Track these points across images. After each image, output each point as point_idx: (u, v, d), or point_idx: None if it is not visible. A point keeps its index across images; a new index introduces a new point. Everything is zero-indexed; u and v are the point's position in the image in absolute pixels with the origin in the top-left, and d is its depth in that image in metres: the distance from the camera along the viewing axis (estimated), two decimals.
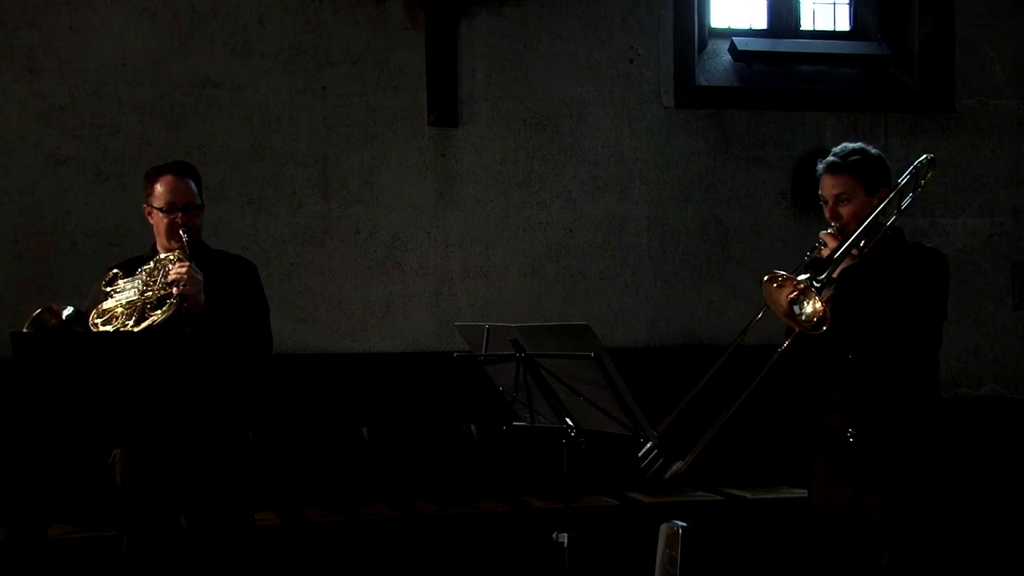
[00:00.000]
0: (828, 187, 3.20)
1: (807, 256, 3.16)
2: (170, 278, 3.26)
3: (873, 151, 3.23)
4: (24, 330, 3.15)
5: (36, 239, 4.91)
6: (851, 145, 3.24)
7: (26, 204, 4.91)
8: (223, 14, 5.10)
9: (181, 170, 3.48)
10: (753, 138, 5.65)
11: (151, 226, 3.50)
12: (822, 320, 2.93)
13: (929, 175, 3.30)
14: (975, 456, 5.34)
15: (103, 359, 2.85)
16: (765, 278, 3.00)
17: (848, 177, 3.17)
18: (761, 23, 5.99)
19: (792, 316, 3.00)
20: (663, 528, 3.54)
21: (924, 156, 3.32)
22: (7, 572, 4.17)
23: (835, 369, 3.18)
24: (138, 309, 3.27)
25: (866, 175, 3.17)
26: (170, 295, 3.24)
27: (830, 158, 3.22)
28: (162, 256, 3.38)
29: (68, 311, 3.26)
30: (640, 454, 2.94)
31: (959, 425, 5.48)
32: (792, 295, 2.99)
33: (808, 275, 3.00)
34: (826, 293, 3.00)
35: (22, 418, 4.04)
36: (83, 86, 4.96)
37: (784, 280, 2.98)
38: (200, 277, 3.26)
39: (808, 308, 2.97)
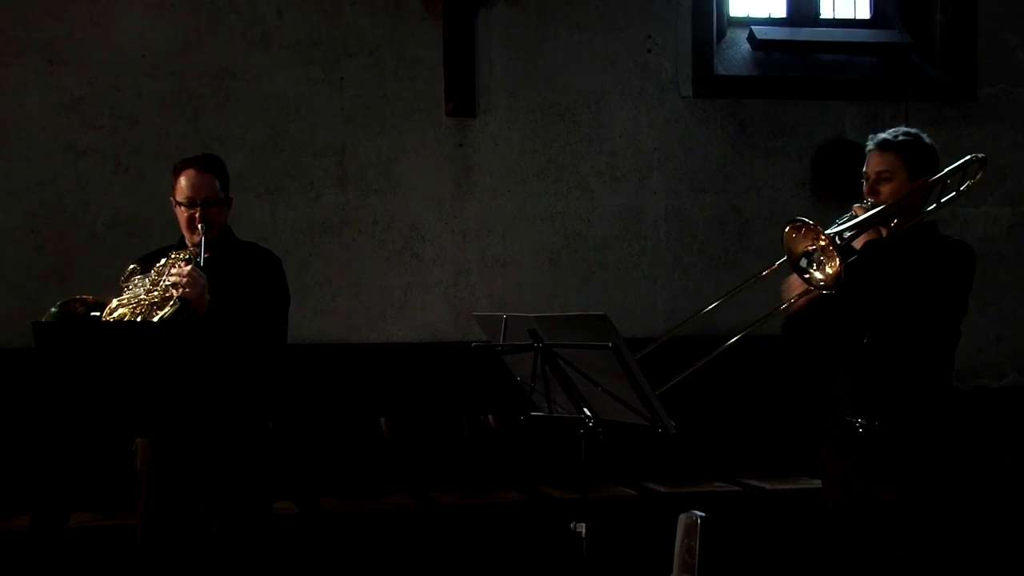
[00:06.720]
0: (873, 164, 3.16)
1: (836, 224, 3.12)
2: (170, 281, 3.26)
3: (927, 139, 3.18)
4: (52, 309, 3.16)
5: (56, 230, 4.94)
6: (906, 128, 3.20)
7: (46, 195, 4.94)
8: (241, 5, 5.10)
9: (204, 164, 3.47)
10: (772, 128, 5.61)
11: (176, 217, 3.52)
12: (832, 284, 2.89)
13: (979, 176, 3.24)
14: (993, 447, 5.30)
15: (124, 348, 2.87)
16: (787, 227, 2.95)
17: (895, 156, 3.12)
18: (780, 11, 5.95)
19: (799, 269, 2.96)
20: (681, 518, 3.55)
21: (973, 155, 3.25)
22: (30, 560, 4.21)
23: (845, 348, 3.15)
24: (144, 308, 3.29)
25: (913, 159, 3.13)
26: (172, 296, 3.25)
27: (882, 135, 3.18)
28: (173, 256, 3.40)
29: (94, 303, 3.28)
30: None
31: (980, 416, 5.44)
32: (810, 247, 2.94)
33: (834, 232, 2.95)
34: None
35: (44, 407, 4.07)
36: (103, 78, 4.98)
37: (808, 231, 2.93)
38: (203, 280, 3.24)
39: (822, 270, 2.91)
